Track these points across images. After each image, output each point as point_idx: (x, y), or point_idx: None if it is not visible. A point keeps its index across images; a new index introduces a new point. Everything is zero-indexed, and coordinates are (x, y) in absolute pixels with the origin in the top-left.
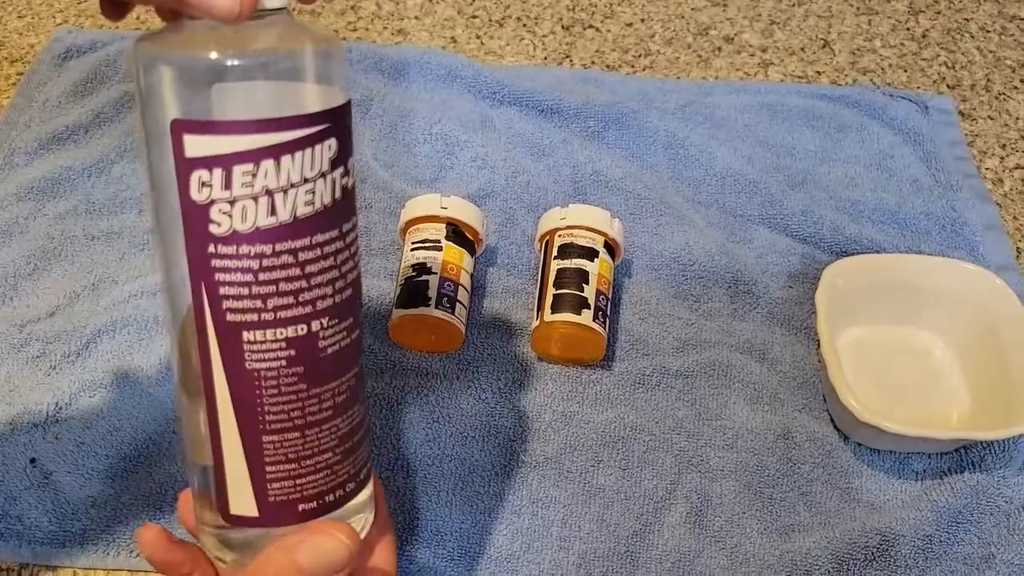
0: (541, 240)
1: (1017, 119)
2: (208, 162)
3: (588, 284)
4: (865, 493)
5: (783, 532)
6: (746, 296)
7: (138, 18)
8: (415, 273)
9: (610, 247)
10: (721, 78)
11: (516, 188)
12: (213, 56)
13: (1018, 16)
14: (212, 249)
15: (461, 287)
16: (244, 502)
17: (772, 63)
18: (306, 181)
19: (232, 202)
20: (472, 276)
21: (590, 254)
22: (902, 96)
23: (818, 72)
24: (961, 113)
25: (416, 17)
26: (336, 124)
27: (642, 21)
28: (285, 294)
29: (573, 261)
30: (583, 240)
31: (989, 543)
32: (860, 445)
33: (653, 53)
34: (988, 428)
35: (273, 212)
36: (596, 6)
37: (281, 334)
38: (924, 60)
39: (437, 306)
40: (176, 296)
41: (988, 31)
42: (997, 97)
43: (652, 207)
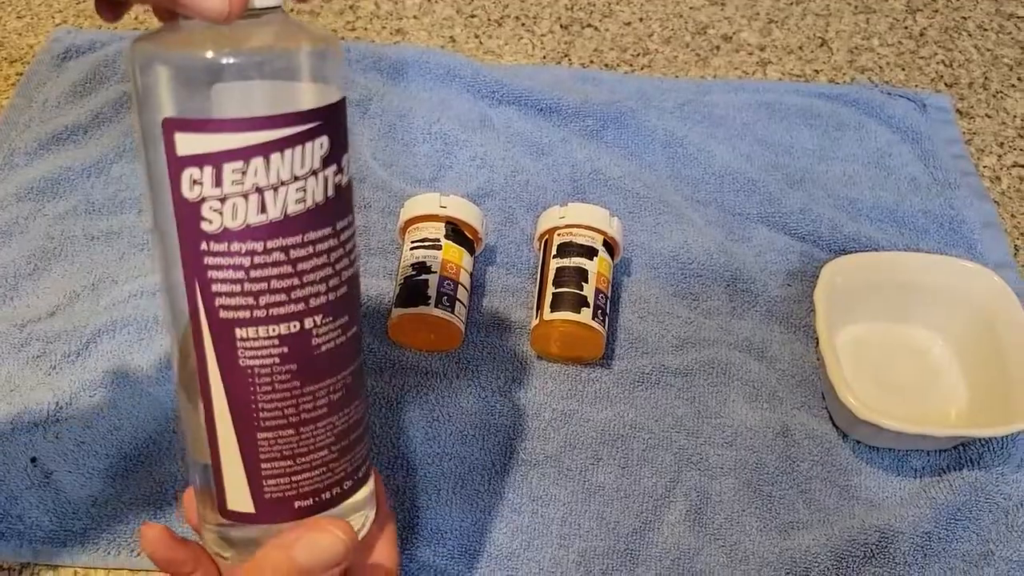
0: (540, 239)
1: (1015, 117)
2: (199, 160)
3: (587, 283)
4: (864, 490)
5: (782, 530)
6: (745, 294)
7: (136, 18)
8: (415, 272)
9: (609, 246)
10: (719, 77)
11: (515, 187)
12: (205, 55)
13: (1015, 14)
14: (204, 246)
15: (460, 286)
16: (241, 499)
17: (770, 62)
18: (297, 179)
19: (223, 200)
20: (471, 275)
21: (589, 253)
22: (900, 94)
23: (816, 71)
24: (959, 111)
25: (415, 17)
26: (328, 122)
27: (640, 20)
28: (277, 291)
29: (572, 260)
30: (582, 239)
31: (988, 540)
32: (859, 443)
33: (651, 52)
34: (986, 425)
35: (263, 210)
36: (594, 5)
37: (274, 331)
38: (922, 58)
39: (437, 305)
40: (175, 295)
41: (986, 29)
42: (995, 95)
43: (651, 206)
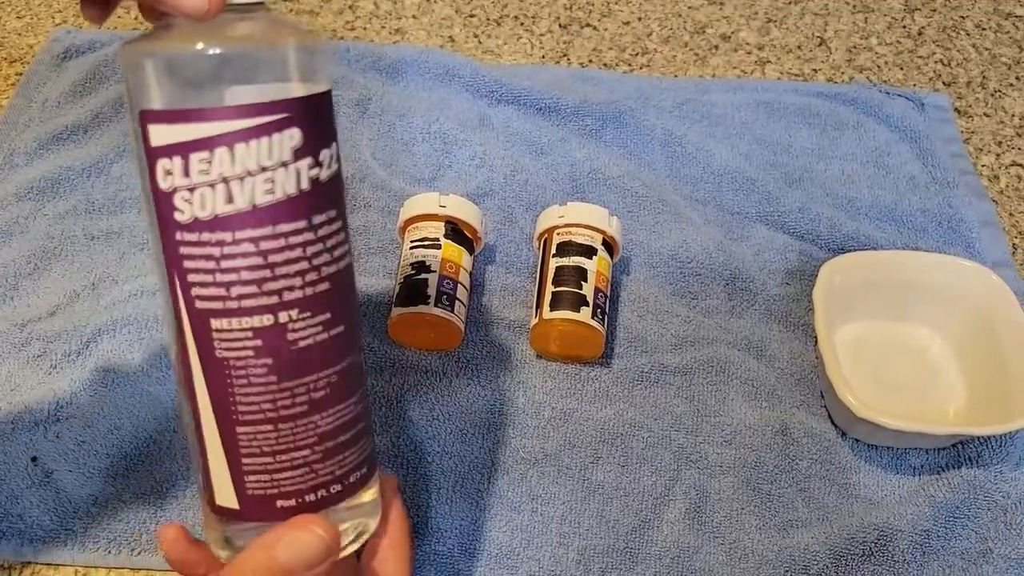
0: (540, 238)
1: (1013, 116)
2: (169, 150)
3: (586, 282)
4: (863, 489)
5: (781, 528)
6: (744, 293)
7: (136, 18)
8: (414, 271)
9: (608, 245)
10: (718, 76)
11: (514, 186)
12: (181, 49)
13: (1014, 14)
14: (179, 236)
15: (460, 285)
16: (227, 494)
17: (769, 61)
18: (264, 170)
19: (192, 189)
20: (471, 274)
21: (588, 252)
22: (898, 93)
23: (815, 70)
24: (957, 110)
25: (414, 16)
26: (300, 114)
27: (639, 19)
28: (248, 283)
29: (571, 259)
30: (581, 238)
31: (986, 538)
32: (858, 441)
33: (650, 51)
34: (985, 423)
35: (231, 200)
36: (593, 5)
37: (247, 323)
38: (920, 58)
39: (436, 304)
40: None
41: (984, 28)
42: (993, 94)
43: (650, 205)
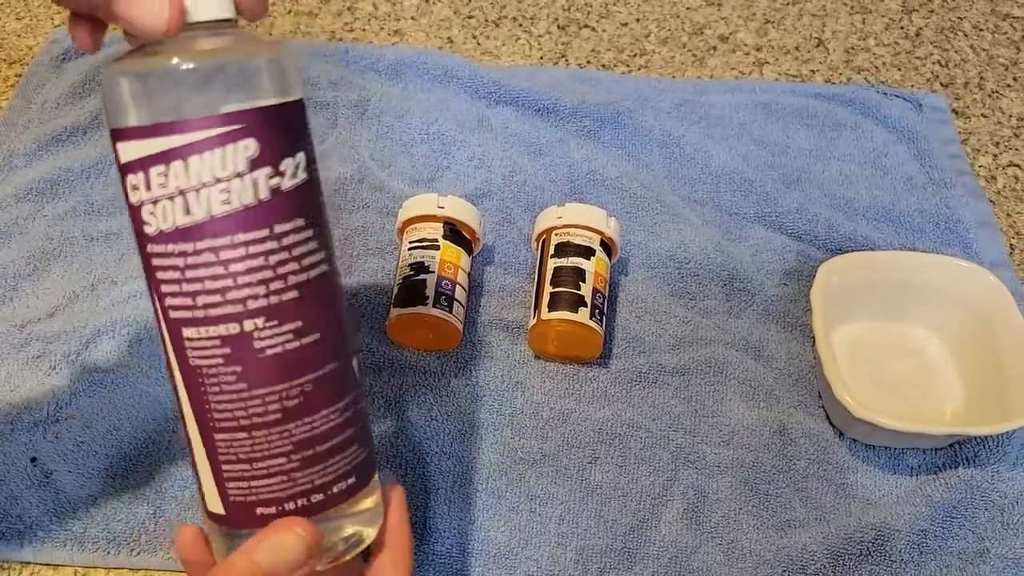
0: (538, 239)
1: (1010, 117)
2: (134, 166)
3: (585, 282)
4: (860, 489)
5: (779, 528)
6: (741, 294)
7: None
8: (413, 272)
9: (606, 245)
10: (716, 77)
11: (513, 187)
12: (142, 68)
13: (1011, 15)
14: (149, 248)
15: (458, 286)
16: (214, 500)
17: (767, 62)
18: (219, 181)
19: (155, 202)
20: (469, 275)
21: (587, 252)
22: (896, 94)
23: (812, 71)
24: (955, 111)
25: (412, 18)
26: (256, 125)
27: (637, 21)
28: (212, 292)
29: (570, 259)
30: (580, 239)
31: (983, 537)
32: (855, 441)
33: (648, 52)
34: (982, 423)
35: (188, 211)
36: (591, 6)
37: (214, 332)
38: (918, 58)
39: (435, 305)
40: None
41: (981, 29)
42: (990, 95)
43: (648, 206)
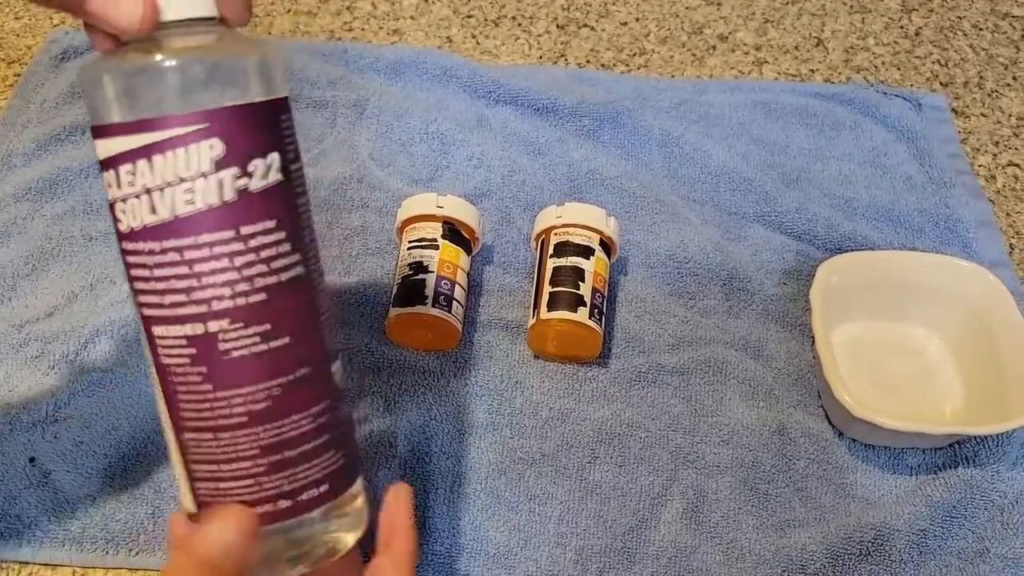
0: (537, 238)
1: (1010, 116)
2: (107, 163)
3: (584, 282)
4: (860, 488)
5: (778, 527)
6: (741, 293)
7: None
8: (412, 272)
9: (606, 245)
10: (715, 76)
11: (512, 187)
12: (113, 65)
13: (1011, 14)
14: (123, 246)
15: (458, 285)
16: (188, 498)
17: (766, 61)
18: (183, 180)
19: (124, 200)
20: (468, 274)
21: (586, 252)
22: (895, 94)
23: (812, 70)
24: (954, 110)
25: (412, 17)
26: (223, 124)
27: (636, 20)
28: (178, 291)
29: (569, 259)
30: (579, 238)
31: (983, 537)
32: (855, 441)
33: (648, 52)
34: (982, 423)
35: (154, 210)
36: (591, 5)
37: (180, 331)
38: (917, 58)
39: (434, 304)
40: None
41: (981, 29)
42: (990, 94)
43: (647, 205)
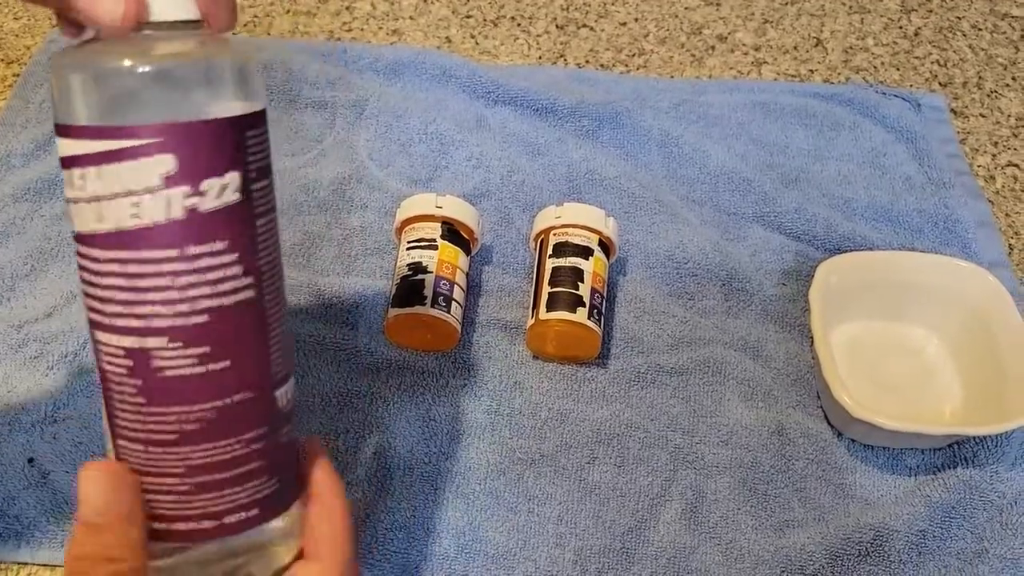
0: (536, 239)
1: (1009, 116)
2: (65, 163)
3: (583, 282)
4: (859, 489)
5: (777, 528)
6: (740, 294)
7: None
8: (411, 272)
9: (605, 245)
10: (715, 77)
11: (511, 187)
12: (77, 63)
13: (1010, 14)
14: (76, 246)
15: (456, 286)
16: None
17: (765, 62)
18: (130, 194)
19: (75, 203)
20: (467, 275)
21: (585, 252)
22: (895, 94)
23: (811, 70)
24: (953, 111)
25: (411, 17)
26: (177, 140)
27: (636, 20)
28: (117, 303)
29: (568, 259)
30: (578, 239)
31: (982, 538)
32: (854, 441)
33: (647, 52)
34: (981, 423)
35: (100, 219)
36: (590, 5)
37: (118, 341)
38: (916, 58)
39: (433, 305)
40: None
41: (980, 29)
42: (989, 95)
43: (646, 205)
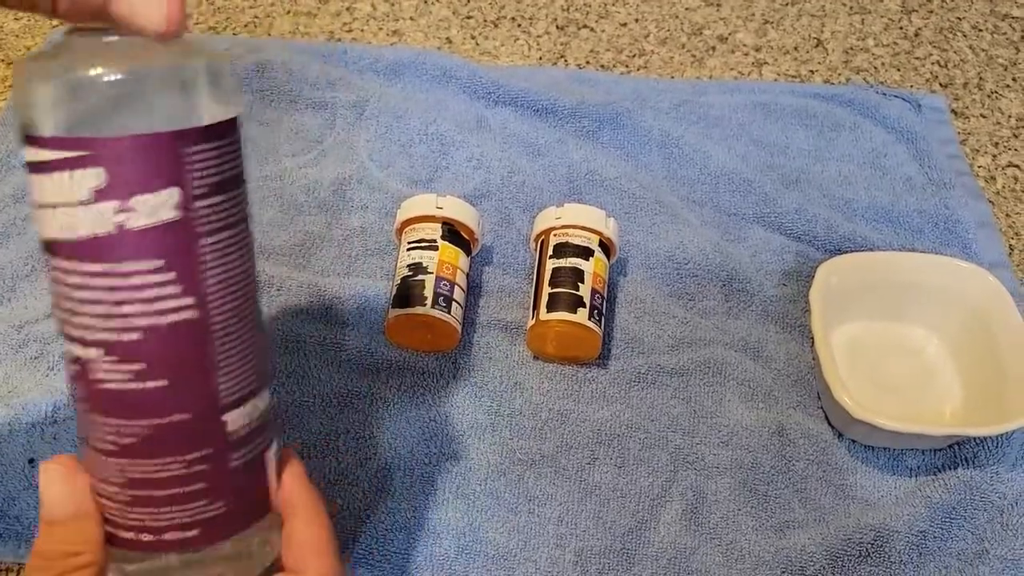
0: (536, 239)
1: (1009, 117)
2: (26, 168)
3: (583, 283)
4: (859, 490)
5: (778, 529)
6: (740, 294)
7: None
8: (411, 273)
9: (605, 246)
10: (715, 78)
11: (511, 188)
12: (32, 68)
13: (1010, 15)
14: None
15: (457, 287)
16: None
17: (766, 62)
18: (59, 205)
19: (34, 208)
20: (468, 275)
21: (585, 253)
22: (895, 95)
23: (811, 71)
24: (954, 111)
25: (411, 18)
26: (108, 155)
27: (636, 21)
28: (63, 310)
29: (568, 260)
30: (578, 239)
31: (983, 538)
32: (854, 442)
33: (647, 53)
34: (981, 424)
35: (42, 226)
36: (590, 6)
37: (67, 347)
38: (917, 59)
39: (433, 306)
40: None
41: (980, 30)
42: (989, 95)
43: (647, 206)
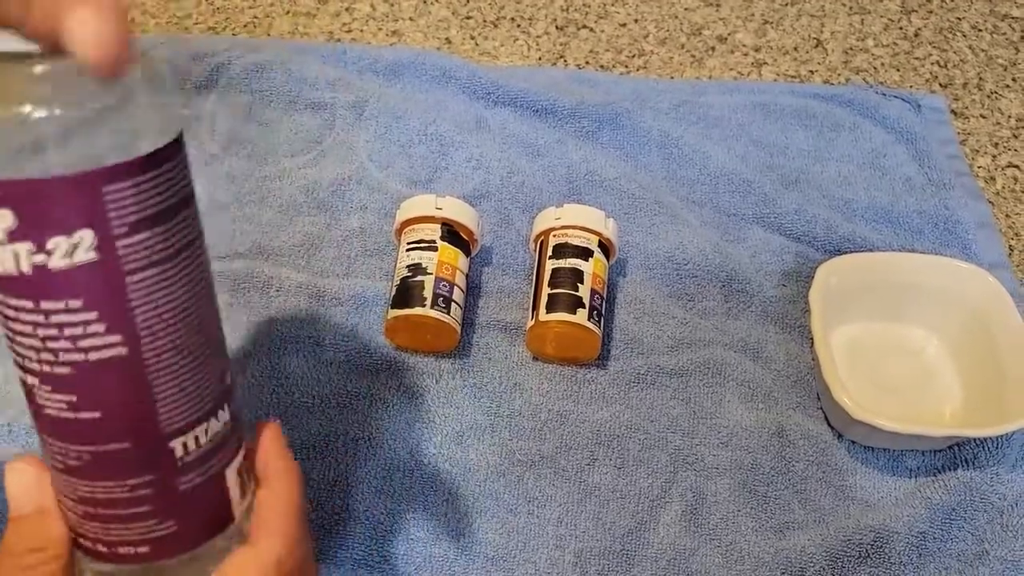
0: (536, 240)
1: (1009, 117)
2: None
3: (583, 283)
4: (859, 491)
5: (778, 530)
6: (740, 295)
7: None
8: (410, 274)
9: (604, 247)
10: (715, 78)
11: (511, 188)
12: None
13: (1010, 15)
14: None
15: (456, 287)
16: None
17: (765, 63)
18: None
19: None
20: (467, 276)
21: (585, 254)
22: (895, 95)
23: (811, 71)
24: (953, 112)
25: (410, 18)
26: (15, 197)
27: (636, 21)
28: (6, 336)
29: (568, 261)
30: (578, 240)
31: (983, 539)
32: (854, 443)
33: (647, 53)
34: (981, 425)
35: None
36: (590, 7)
37: (15, 369)
38: (916, 59)
39: (432, 306)
40: None
41: (980, 30)
42: (989, 96)
43: (646, 207)
